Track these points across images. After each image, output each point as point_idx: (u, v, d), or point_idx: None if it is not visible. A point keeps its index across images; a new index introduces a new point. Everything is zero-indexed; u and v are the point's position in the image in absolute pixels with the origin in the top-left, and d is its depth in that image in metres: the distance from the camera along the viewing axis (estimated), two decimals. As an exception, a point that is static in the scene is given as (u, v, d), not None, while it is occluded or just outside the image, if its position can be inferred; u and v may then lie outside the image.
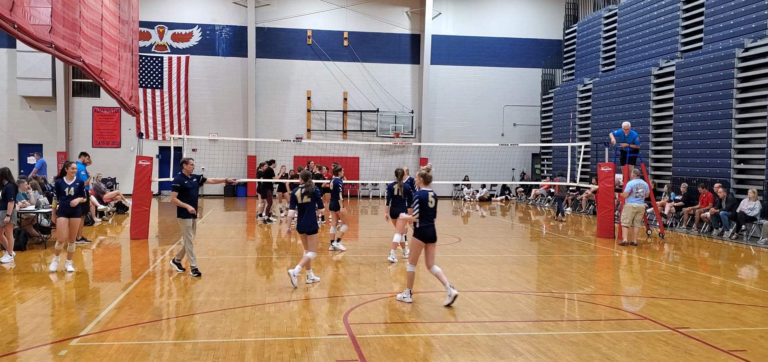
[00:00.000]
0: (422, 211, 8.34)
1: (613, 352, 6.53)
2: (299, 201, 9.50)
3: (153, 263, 11.69)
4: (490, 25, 32.03)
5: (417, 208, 8.33)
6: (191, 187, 10.26)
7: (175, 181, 10.21)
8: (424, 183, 8.61)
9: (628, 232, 14.58)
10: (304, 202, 9.49)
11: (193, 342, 6.64)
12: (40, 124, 29.23)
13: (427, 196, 8.40)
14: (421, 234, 8.36)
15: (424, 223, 8.34)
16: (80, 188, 10.74)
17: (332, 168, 18.29)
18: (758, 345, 6.86)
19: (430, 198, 8.42)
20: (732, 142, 18.13)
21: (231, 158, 28.46)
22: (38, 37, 9.25)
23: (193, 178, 10.38)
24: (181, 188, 10.12)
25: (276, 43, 30.54)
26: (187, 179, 10.25)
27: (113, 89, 15.16)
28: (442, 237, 14.42)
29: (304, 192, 9.48)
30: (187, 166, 10.38)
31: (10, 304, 8.29)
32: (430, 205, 8.39)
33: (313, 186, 9.58)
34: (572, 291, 9.78)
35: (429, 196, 8.42)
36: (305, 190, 9.47)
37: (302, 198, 9.50)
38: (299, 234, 9.65)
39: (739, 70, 18.04)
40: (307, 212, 9.51)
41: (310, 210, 9.52)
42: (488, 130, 31.55)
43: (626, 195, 14.57)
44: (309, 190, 9.48)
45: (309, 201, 9.50)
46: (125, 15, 16.77)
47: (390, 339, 6.85)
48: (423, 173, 8.64)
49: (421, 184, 8.67)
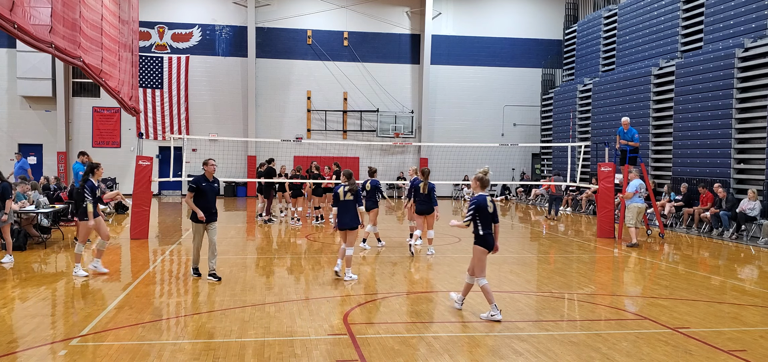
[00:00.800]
0: (482, 218, 7.79)
1: (613, 352, 6.53)
2: (342, 198, 9.93)
3: (153, 263, 11.69)
4: (490, 25, 32.03)
5: (470, 215, 7.82)
6: (208, 191, 9.74)
7: (193, 181, 9.75)
8: (480, 186, 7.95)
9: (634, 233, 14.53)
10: (346, 200, 9.90)
11: (193, 342, 6.64)
12: (40, 124, 29.24)
13: (484, 202, 7.81)
14: (484, 241, 7.86)
15: (486, 230, 7.83)
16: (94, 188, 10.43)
17: (333, 168, 18.37)
18: (758, 345, 6.86)
19: (489, 203, 7.82)
20: (732, 142, 18.13)
21: (231, 158, 28.45)
22: (38, 37, 9.25)
23: (214, 181, 9.91)
24: (197, 190, 9.64)
25: (276, 43, 30.55)
26: (206, 181, 9.74)
27: (113, 89, 15.16)
28: (442, 237, 14.47)
29: (347, 191, 9.90)
30: (208, 168, 9.81)
31: (10, 304, 8.29)
32: (489, 210, 7.81)
33: (356, 184, 10.02)
34: (572, 291, 9.78)
35: (487, 201, 7.82)
36: (348, 188, 9.90)
37: (345, 195, 9.93)
38: (340, 231, 10.03)
39: (739, 70, 18.04)
40: (348, 210, 9.91)
41: (352, 208, 9.91)
42: (488, 130, 31.55)
43: (631, 195, 14.50)
44: (352, 188, 9.90)
45: (351, 198, 9.91)
46: (125, 15, 16.77)
47: (390, 339, 6.85)
48: (479, 176, 7.96)
49: (477, 188, 7.98)
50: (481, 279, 7.82)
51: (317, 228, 17.16)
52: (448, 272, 11.08)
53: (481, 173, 7.97)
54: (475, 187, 8.04)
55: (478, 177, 7.98)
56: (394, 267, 11.46)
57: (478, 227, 7.86)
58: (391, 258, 12.31)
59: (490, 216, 7.84)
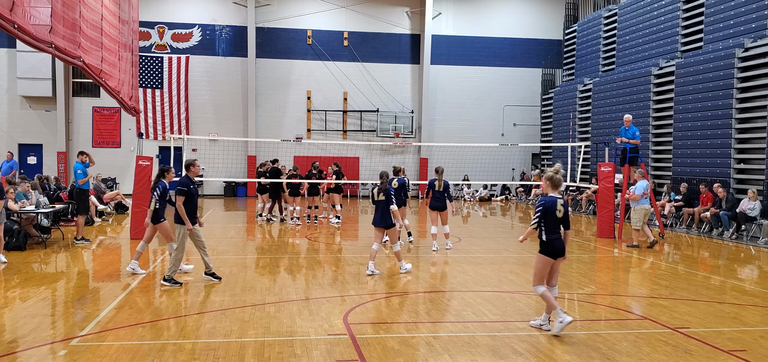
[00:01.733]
0: (548, 222, 7.11)
1: (613, 352, 6.53)
2: (376, 198, 10.47)
3: (153, 263, 11.68)
4: (490, 25, 32.03)
5: (536, 219, 7.13)
6: (195, 193, 9.62)
7: (182, 184, 9.46)
8: (551, 187, 7.26)
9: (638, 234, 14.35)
10: (379, 199, 10.44)
11: (193, 342, 6.64)
12: (40, 124, 29.23)
13: (554, 204, 7.10)
14: (549, 248, 7.11)
15: (551, 236, 7.10)
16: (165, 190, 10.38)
17: (334, 168, 18.37)
18: (758, 345, 6.86)
19: (559, 207, 7.12)
20: (732, 142, 18.13)
21: (231, 158, 28.46)
22: (38, 37, 9.25)
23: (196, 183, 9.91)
24: (187, 193, 9.42)
25: (276, 43, 30.54)
26: (192, 184, 9.60)
27: (113, 89, 15.15)
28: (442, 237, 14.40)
29: (379, 190, 10.45)
30: (194, 169, 9.72)
31: (10, 304, 8.29)
32: (558, 215, 7.11)
33: (386, 184, 10.56)
34: (572, 291, 9.78)
35: (557, 204, 7.11)
36: (379, 188, 10.45)
37: (378, 195, 10.45)
38: (375, 228, 10.54)
39: (739, 70, 18.04)
40: (382, 208, 10.44)
41: (385, 207, 10.41)
42: (488, 130, 31.55)
43: (640, 196, 14.28)
44: (382, 187, 10.45)
45: (384, 198, 10.43)
46: (125, 15, 16.76)
47: (390, 339, 6.85)
48: (550, 176, 7.26)
49: (548, 189, 7.29)
50: (539, 287, 7.19)
51: (315, 228, 17.16)
52: (449, 272, 11.08)
53: (552, 172, 7.30)
54: (545, 188, 7.31)
55: (549, 176, 7.27)
56: (394, 267, 11.46)
57: (541, 232, 7.15)
58: (391, 259, 12.31)
59: (558, 221, 7.13)
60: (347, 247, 13.98)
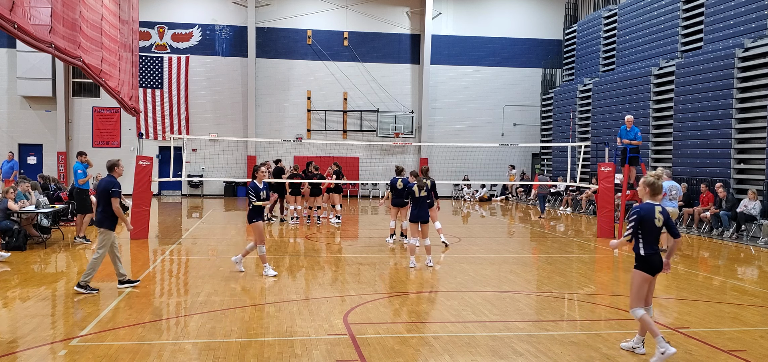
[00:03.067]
0: (646, 233, 6.23)
1: (613, 352, 6.53)
2: (417, 195, 11.01)
3: (153, 263, 11.68)
4: (490, 25, 32.03)
5: (630, 229, 6.28)
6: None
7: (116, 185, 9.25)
8: (650, 194, 6.38)
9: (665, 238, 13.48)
10: (421, 196, 11.03)
11: (193, 342, 6.64)
12: (40, 124, 29.23)
13: (652, 213, 6.23)
14: (647, 264, 6.26)
15: (650, 250, 6.25)
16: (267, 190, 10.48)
17: (334, 168, 18.37)
18: (758, 345, 6.86)
19: (657, 215, 6.23)
20: (732, 142, 18.13)
21: (231, 158, 28.46)
22: (38, 37, 9.25)
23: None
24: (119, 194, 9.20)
25: (276, 43, 30.54)
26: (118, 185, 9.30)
27: (113, 89, 15.16)
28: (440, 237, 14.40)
29: (420, 187, 11.03)
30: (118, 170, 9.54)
31: (10, 304, 8.30)
32: (656, 224, 6.23)
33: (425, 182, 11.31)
34: (572, 291, 9.78)
35: (655, 212, 6.23)
36: (420, 185, 11.07)
37: (419, 192, 11.01)
38: (411, 223, 11.16)
39: (739, 70, 18.03)
40: (421, 204, 11.06)
41: (423, 203, 11.08)
42: (488, 130, 31.54)
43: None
44: (420, 185, 11.07)
45: (424, 194, 11.07)
46: (125, 15, 16.76)
47: (390, 339, 6.85)
48: (650, 181, 6.38)
49: (645, 196, 6.42)
50: (637, 309, 6.28)
51: (316, 228, 17.15)
52: (449, 272, 11.08)
53: (653, 177, 6.40)
54: (641, 194, 6.45)
55: (648, 181, 6.38)
56: (394, 267, 11.46)
57: (639, 245, 6.28)
58: (391, 258, 12.32)
59: (657, 230, 6.24)
60: (347, 247, 13.98)
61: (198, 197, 29.61)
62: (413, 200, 11.10)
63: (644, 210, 6.23)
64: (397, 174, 14.27)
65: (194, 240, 14.79)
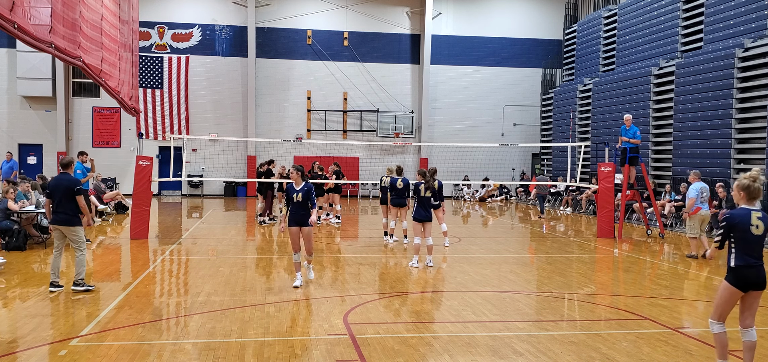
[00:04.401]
0: (739, 242, 5.43)
1: (613, 352, 6.53)
2: (422, 194, 11.07)
3: (153, 263, 11.68)
4: (490, 25, 32.03)
5: (720, 235, 5.56)
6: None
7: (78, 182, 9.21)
8: (746, 198, 5.52)
9: (696, 244, 12.74)
10: (426, 196, 11.08)
11: (193, 342, 6.64)
12: (40, 124, 29.23)
13: (747, 219, 5.40)
14: (738, 277, 5.45)
15: (741, 261, 5.42)
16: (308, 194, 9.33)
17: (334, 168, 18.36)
18: (758, 345, 6.84)
19: (755, 222, 5.38)
20: (732, 142, 18.13)
21: (231, 158, 28.46)
22: (38, 37, 9.25)
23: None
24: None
25: (276, 43, 30.54)
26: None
27: (113, 89, 15.16)
28: (441, 237, 14.42)
29: (426, 188, 11.07)
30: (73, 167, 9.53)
31: (10, 304, 8.29)
32: (754, 232, 5.38)
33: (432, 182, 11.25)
34: (572, 291, 9.78)
35: (752, 218, 5.39)
36: (427, 186, 11.08)
37: (425, 192, 11.07)
38: (415, 222, 11.10)
39: (739, 70, 18.03)
40: (426, 204, 11.08)
41: (428, 203, 11.12)
42: (488, 130, 31.54)
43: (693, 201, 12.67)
44: (429, 185, 11.10)
45: (430, 195, 11.11)
46: (125, 15, 16.76)
47: (390, 339, 6.85)
48: (746, 185, 5.51)
49: (740, 200, 5.58)
50: (715, 324, 5.59)
51: (318, 228, 17.15)
52: (449, 272, 11.08)
53: (749, 179, 5.50)
54: (738, 198, 5.61)
55: (743, 184, 5.53)
56: (394, 266, 11.46)
57: (731, 254, 5.50)
58: (391, 258, 12.32)
59: (753, 239, 5.38)
60: (347, 247, 13.98)
61: (198, 197, 29.62)
62: (418, 199, 11.12)
63: (737, 216, 5.43)
64: (398, 174, 14.28)
65: (194, 240, 14.79)
